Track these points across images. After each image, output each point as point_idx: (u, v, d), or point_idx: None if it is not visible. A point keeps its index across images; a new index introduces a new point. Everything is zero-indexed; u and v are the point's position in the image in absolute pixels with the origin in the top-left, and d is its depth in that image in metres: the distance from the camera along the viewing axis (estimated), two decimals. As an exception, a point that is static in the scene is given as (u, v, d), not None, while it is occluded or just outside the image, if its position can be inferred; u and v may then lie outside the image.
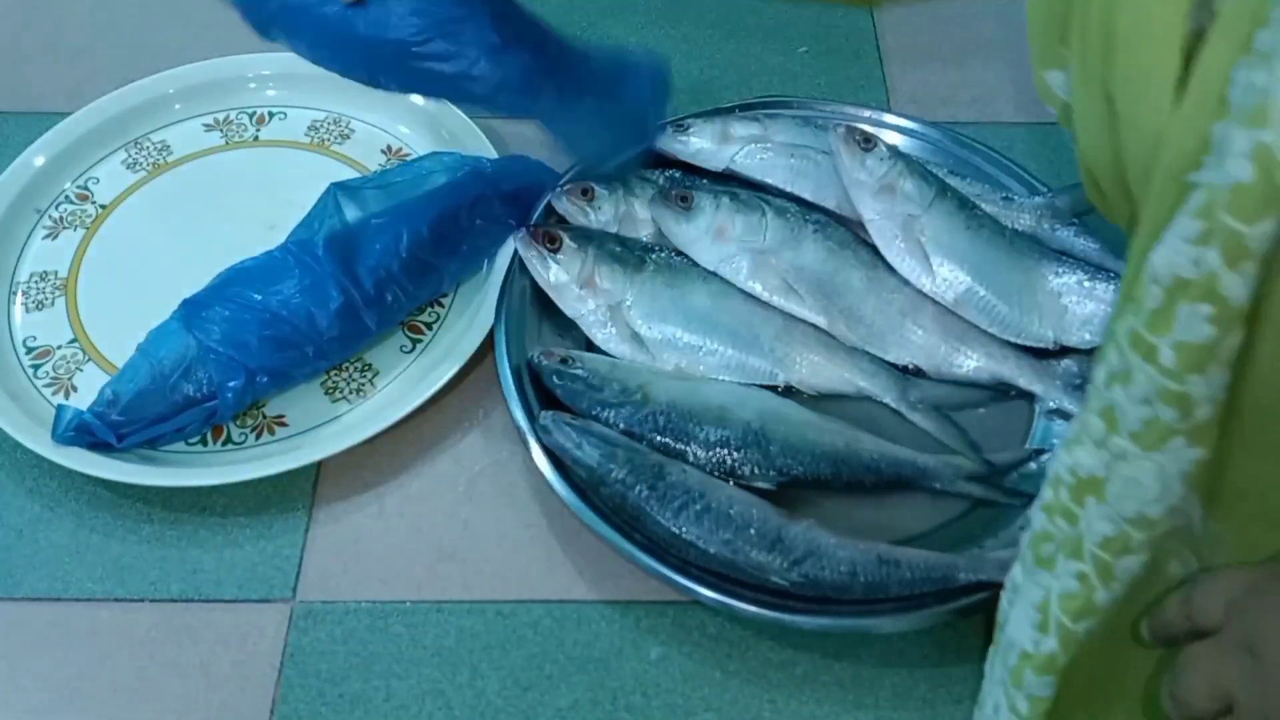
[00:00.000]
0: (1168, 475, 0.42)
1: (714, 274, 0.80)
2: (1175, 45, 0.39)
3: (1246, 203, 0.35)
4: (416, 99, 0.92)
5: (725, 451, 0.72)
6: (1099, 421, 0.43)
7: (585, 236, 0.80)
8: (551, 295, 0.79)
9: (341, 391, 0.79)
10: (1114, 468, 0.43)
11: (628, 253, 0.80)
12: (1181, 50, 0.39)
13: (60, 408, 0.73)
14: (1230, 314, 0.37)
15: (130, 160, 0.92)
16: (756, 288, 0.80)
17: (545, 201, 0.84)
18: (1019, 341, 0.78)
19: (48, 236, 0.88)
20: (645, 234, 0.84)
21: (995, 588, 0.65)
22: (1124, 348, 0.40)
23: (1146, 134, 0.39)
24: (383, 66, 0.74)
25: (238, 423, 0.77)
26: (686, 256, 0.81)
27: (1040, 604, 0.47)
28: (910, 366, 0.79)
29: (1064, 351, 0.78)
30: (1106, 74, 0.41)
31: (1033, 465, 0.74)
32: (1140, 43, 0.39)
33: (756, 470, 0.72)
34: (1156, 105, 0.40)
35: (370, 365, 0.81)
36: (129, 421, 0.73)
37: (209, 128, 0.95)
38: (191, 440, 0.76)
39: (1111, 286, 0.78)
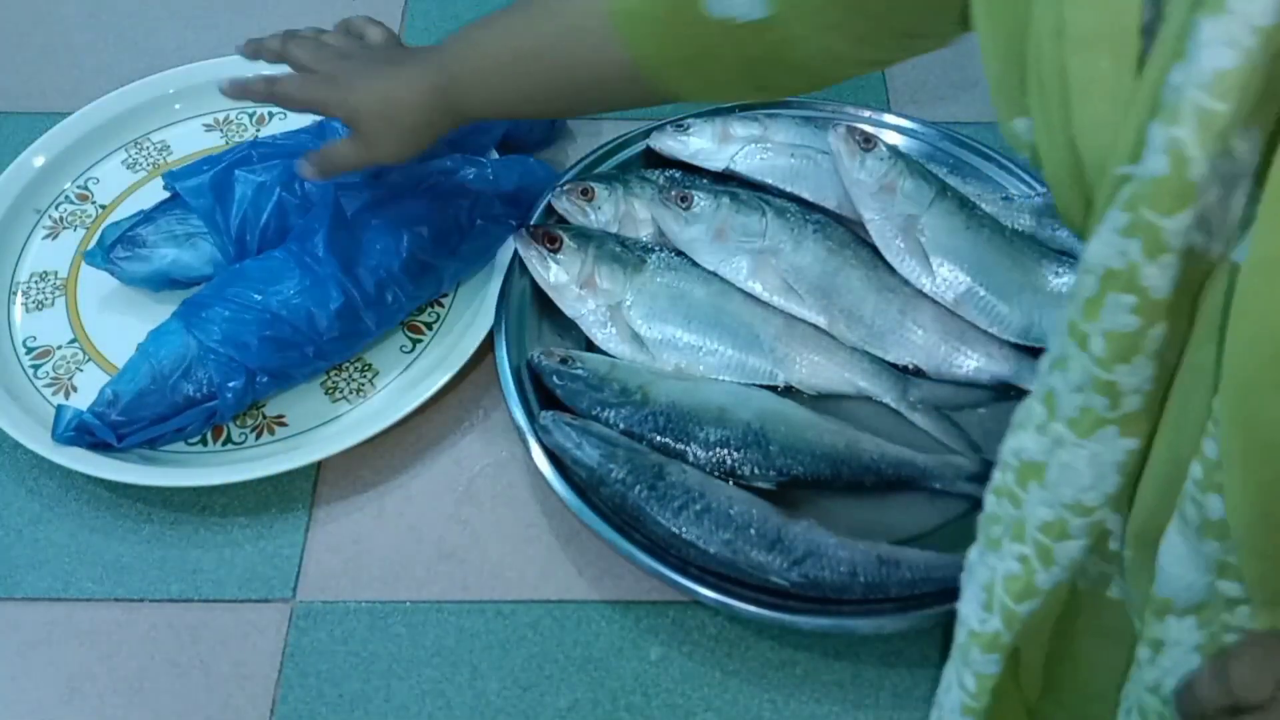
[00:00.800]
0: (1101, 464, 0.43)
1: (714, 274, 0.80)
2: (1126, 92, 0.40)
3: (1163, 196, 0.36)
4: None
5: (725, 451, 0.72)
6: (1041, 407, 0.44)
7: (585, 236, 0.80)
8: (551, 295, 0.79)
9: (341, 391, 0.79)
10: (1053, 453, 0.44)
11: (628, 253, 0.80)
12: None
13: (60, 408, 0.73)
14: (1151, 305, 0.38)
15: (130, 160, 0.93)
16: (756, 288, 0.80)
17: (545, 201, 0.84)
18: (1019, 341, 0.78)
19: (48, 236, 0.88)
20: (645, 234, 0.84)
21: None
22: (1064, 335, 0.42)
23: (1107, 171, 0.41)
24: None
25: (238, 423, 0.77)
26: (686, 256, 0.81)
27: (987, 584, 0.48)
28: (910, 366, 0.79)
29: (1064, 351, 0.78)
30: (1066, 123, 0.42)
31: (1033, 465, 0.74)
32: (1094, 94, 0.40)
33: (756, 470, 0.72)
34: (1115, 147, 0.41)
35: (370, 365, 0.81)
36: (129, 421, 0.73)
37: (209, 128, 0.95)
38: (191, 440, 0.76)
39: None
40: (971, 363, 0.78)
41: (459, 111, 0.71)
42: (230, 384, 0.73)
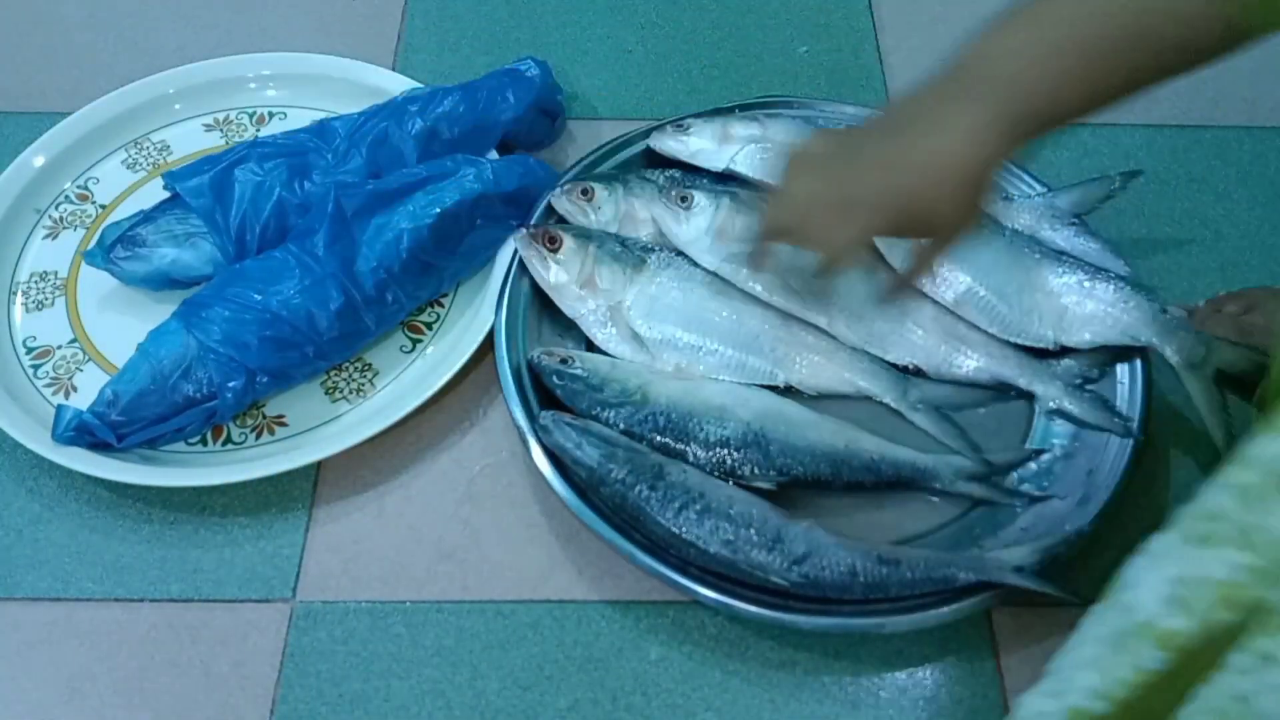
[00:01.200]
0: None
1: (714, 274, 0.80)
2: None
3: None
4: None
5: (725, 451, 0.72)
6: None
7: (585, 236, 0.80)
8: (551, 295, 0.79)
9: (341, 391, 0.79)
10: None
11: (628, 253, 0.80)
12: None
13: (60, 408, 0.73)
14: None
15: (130, 160, 0.93)
16: (756, 288, 0.80)
17: (545, 201, 0.84)
18: (1019, 341, 0.78)
19: (48, 236, 0.88)
20: (645, 234, 0.84)
21: (995, 588, 0.66)
22: None
23: None
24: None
25: (238, 423, 0.77)
26: (686, 256, 0.81)
27: (1181, 578, 0.44)
28: (910, 366, 0.79)
29: (1064, 351, 0.78)
30: None
31: (1032, 465, 0.74)
32: None
33: (756, 470, 0.72)
34: None
35: (370, 365, 0.81)
36: (129, 421, 0.73)
37: (209, 128, 0.95)
38: (191, 440, 0.76)
39: (1111, 286, 0.78)
40: (971, 363, 0.78)
41: (1032, 133, 0.61)
42: (230, 384, 0.73)
